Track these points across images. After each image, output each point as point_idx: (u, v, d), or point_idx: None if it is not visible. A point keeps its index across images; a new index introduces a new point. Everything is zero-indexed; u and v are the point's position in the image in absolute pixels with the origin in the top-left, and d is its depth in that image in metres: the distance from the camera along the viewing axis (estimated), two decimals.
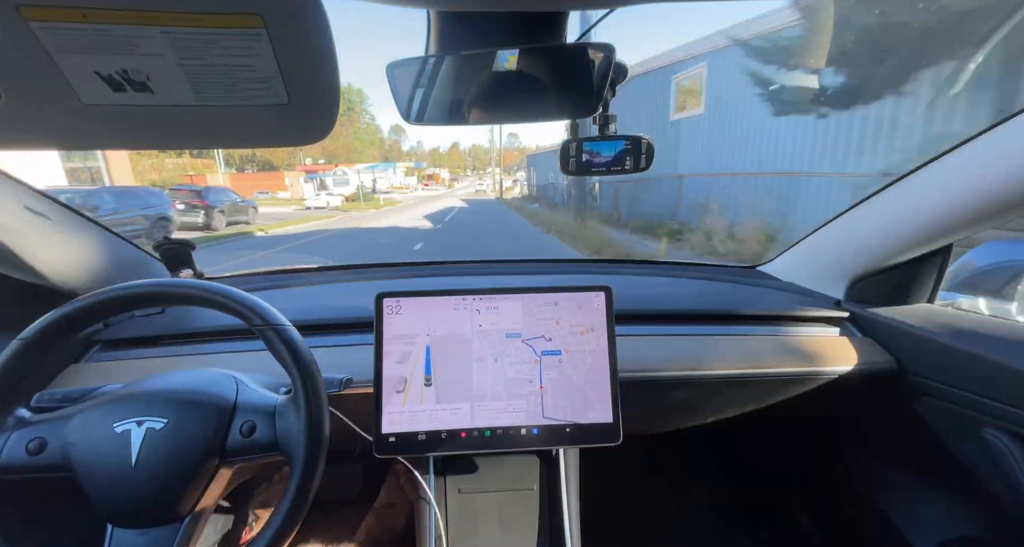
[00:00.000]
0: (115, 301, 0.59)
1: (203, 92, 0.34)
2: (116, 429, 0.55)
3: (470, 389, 0.76)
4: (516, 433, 0.75)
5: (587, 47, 0.61)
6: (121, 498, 0.55)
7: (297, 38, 0.32)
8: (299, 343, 0.59)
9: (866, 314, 1.02)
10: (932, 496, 0.94)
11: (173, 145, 0.43)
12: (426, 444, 0.74)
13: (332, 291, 1.21)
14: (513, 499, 0.83)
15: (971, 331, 0.84)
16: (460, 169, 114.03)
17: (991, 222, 0.78)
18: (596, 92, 0.65)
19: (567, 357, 0.77)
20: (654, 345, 0.95)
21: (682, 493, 1.54)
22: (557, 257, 1.66)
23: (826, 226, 1.10)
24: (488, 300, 0.78)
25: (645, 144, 0.75)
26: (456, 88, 0.65)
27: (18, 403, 0.58)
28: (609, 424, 0.76)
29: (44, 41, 0.29)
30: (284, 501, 0.55)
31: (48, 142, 0.41)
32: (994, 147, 0.72)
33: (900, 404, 0.96)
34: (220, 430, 0.58)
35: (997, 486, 0.80)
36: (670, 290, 1.21)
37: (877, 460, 1.07)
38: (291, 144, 0.43)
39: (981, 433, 0.81)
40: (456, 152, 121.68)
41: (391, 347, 0.75)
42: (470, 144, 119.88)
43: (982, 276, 1.09)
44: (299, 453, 0.56)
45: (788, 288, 1.20)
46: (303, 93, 0.35)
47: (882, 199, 0.94)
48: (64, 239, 0.88)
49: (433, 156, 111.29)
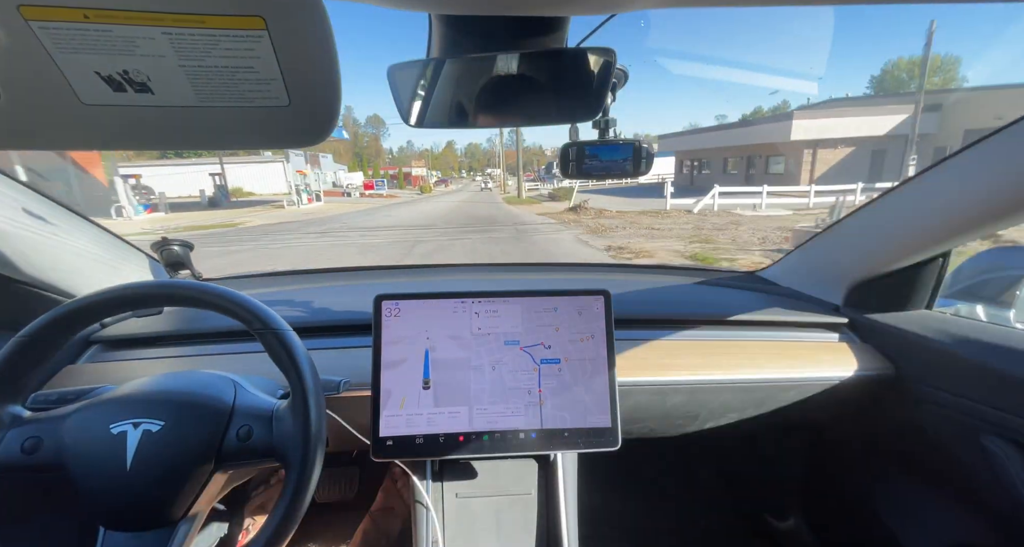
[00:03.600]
0: (114, 301, 0.59)
1: (204, 93, 0.34)
2: (112, 430, 0.55)
3: (468, 393, 0.75)
4: (514, 437, 0.75)
5: (588, 52, 0.61)
6: (115, 500, 0.54)
7: (298, 40, 0.32)
8: (298, 348, 0.59)
9: (865, 320, 1.02)
10: (930, 502, 0.94)
11: (173, 145, 0.43)
12: (424, 448, 0.73)
13: (330, 293, 1.21)
14: (511, 503, 0.83)
15: (969, 338, 0.85)
16: (454, 170, 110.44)
17: (989, 229, 0.78)
18: (597, 96, 0.65)
19: (566, 366, 0.77)
20: (653, 349, 0.95)
21: (680, 498, 1.53)
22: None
23: (826, 232, 1.11)
24: (487, 303, 0.78)
25: (644, 149, 0.76)
26: (457, 91, 0.66)
27: (15, 401, 0.57)
28: (607, 429, 0.76)
29: (45, 41, 0.29)
30: (280, 505, 0.55)
31: (48, 142, 0.41)
32: (992, 155, 0.72)
33: (898, 410, 0.96)
34: (217, 434, 0.57)
35: (996, 493, 0.80)
36: (669, 294, 1.21)
37: (875, 466, 1.06)
38: (291, 146, 0.43)
39: (980, 440, 0.81)
40: (450, 151, 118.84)
41: (389, 350, 0.75)
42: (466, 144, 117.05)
43: (980, 283, 1.09)
44: (296, 458, 0.56)
45: (787, 293, 1.20)
46: (304, 95, 0.35)
47: (881, 206, 0.94)
48: (63, 241, 0.88)
49: (426, 156, 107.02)
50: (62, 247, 0.88)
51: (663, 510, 1.49)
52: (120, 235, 1.05)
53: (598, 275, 1.49)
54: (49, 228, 0.85)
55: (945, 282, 0.98)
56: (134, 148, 0.45)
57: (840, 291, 1.08)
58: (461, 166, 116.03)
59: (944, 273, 0.96)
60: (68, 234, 0.90)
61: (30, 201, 0.83)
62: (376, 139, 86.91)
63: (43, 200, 0.86)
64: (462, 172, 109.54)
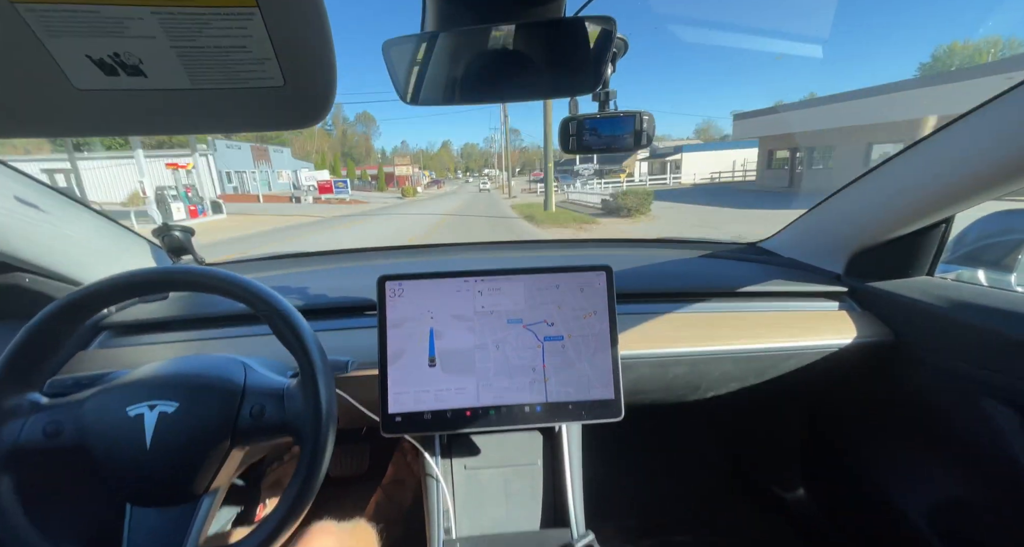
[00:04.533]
0: (122, 288, 0.59)
1: (197, 75, 0.33)
2: (129, 413, 0.56)
3: (473, 369, 0.77)
4: (520, 410, 0.76)
5: (586, 21, 0.60)
6: (138, 479, 0.56)
7: (290, 17, 0.31)
8: (304, 328, 0.60)
9: (865, 288, 1.03)
10: (929, 466, 0.97)
11: (169, 130, 0.43)
12: (432, 423, 0.75)
13: (334, 275, 1.21)
14: (517, 474, 0.85)
15: (968, 302, 0.85)
16: (449, 171, 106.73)
17: (990, 195, 0.77)
18: (596, 67, 0.63)
19: (570, 342, 0.78)
20: (655, 323, 0.96)
21: (682, 467, 1.58)
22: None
23: (827, 201, 1.10)
24: (490, 281, 0.78)
25: (646, 120, 0.74)
26: (453, 66, 0.64)
27: (32, 389, 0.59)
28: (611, 400, 0.77)
29: (33, 25, 0.28)
30: (296, 479, 0.57)
31: (41, 129, 0.40)
32: (993, 120, 0.71)
33: (898, 376, 0.98)
34: (230, 413, 0.59)
35: (994, 455, 0.82)
36: (671, 268, 1.21)
37: (874, 431, 1.09)
38: (288, 127, 0.43)
39: (979, 403, 0.82)
40: (447, 152, 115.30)
41: (395, 329, 0.76)
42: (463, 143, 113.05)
43: (983, 247, 1.09)
44: (308, 434, 0.57)
45: (788, 264, 1.20)
46: (299, 74, 0.35)
47: (882, 173, 0.93)
48: (59, 229, 0.88)
49: (421, 157, 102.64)
50: (63, 235, 0.88)
51: (666, 478, 1.54)
52: (118, 222, 1.05)
53: (600, 250, 1.49)
54: (50, 217, 0.85)
55: (948, 247, 0.98)
56: (129, 133, 0.45)
57: (841, 260, 1.09)
58: (457, 166, 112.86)
59: (946, 239, 0.95)
60: (70, 222, 0.90)
61: (23, 188, 0.82)
62: (367, 138, 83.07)
63: (42, 188, 0.86)
64: (458, 172, 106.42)
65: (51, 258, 0.85)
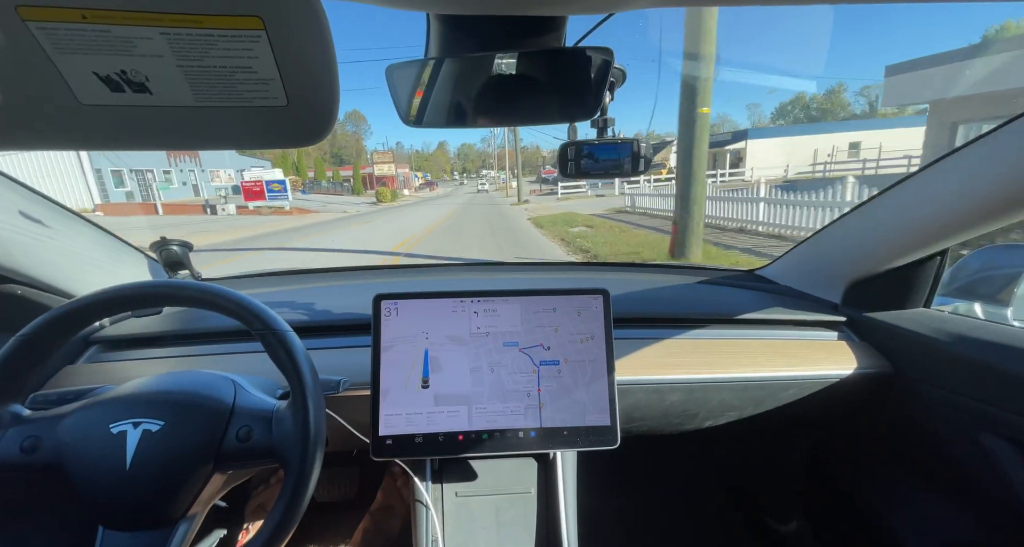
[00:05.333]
0: (114, 301, 0.59)
1: (202, 93, 0.34)
2: (112, 430, 0.55)
3: (467, 392, 0.75)
4: (514, 436, 0.75)
5: (586, 51, 0.61)
6: (114, 500, 0.54)
7: (296, 40, 0.32)
8: (298, 348, 0.59)
9: (863, 318, 1.03)
10: (929, 500, 0.94)
11: (171, 146, 0.43)
12: (423, 447, 0.73)
13: (329, 293, 1.21)
14: (510, 502, 0.83)
15: (967, 336, 0.85)
16: (445, 172, 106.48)
17: (987, 227, 0.78)
18: (595, 95, 0.65)
19: (566, 367, 0.77)
20: (652, 348, 0.95)
21: (680, 498, 1.53)
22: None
23: (824, 230, 1.11)
24: (486, 303, 0.78)
25: (643, 147, 0.76)
26: (455, 91, 0.66)
27: (14, 401, 0.57)
28: (607, 427, 0.76)
29: (43, 42, 0.29)
30: (279, 505, 0.55)
31: (46, 142, 0.41)
32: (989, 152, 0.72)
33: (897, 408, 0.96)
34: (216, 434, 0.57)
35: (993, 490, 0.80)
36: (669, 293, 1.21)
37: (874, 464, 1.07)
38: (290, 145, 0.43)
39: (978, 438, 0.81)
40: (442, 152, 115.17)
41: (389, 349, 0.75)
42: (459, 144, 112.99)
43: (978, 281, 1.09)
44: (295, 459, 0.56)
45: (786, 292, 1.20)
46: (302, 94, 0.35)
47: (879, 204, 0.94)
48: (60, 242, 0.88)
49: (416, 158, 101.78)
50: (60, 247, 0.88)
51: (663, 509, 1.49)
52: (117, 236, 1.05)
53: (597, 274, 1.49)
54: (46, 229, 0.85)
55: (944, 280, 0.98)
56: (132, 148, 0.45)
57: (839, 289, 1.09)
58: (453, 167, 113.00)
59: (942, 271, 0.96)
60: (66, 235, 0.90)
61: (27, 202, 0.83)
62: (358, 138, 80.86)
63: (40, 200, 0.86)
64: (454, 174, 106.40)
65: (46, 270, 0.85)
